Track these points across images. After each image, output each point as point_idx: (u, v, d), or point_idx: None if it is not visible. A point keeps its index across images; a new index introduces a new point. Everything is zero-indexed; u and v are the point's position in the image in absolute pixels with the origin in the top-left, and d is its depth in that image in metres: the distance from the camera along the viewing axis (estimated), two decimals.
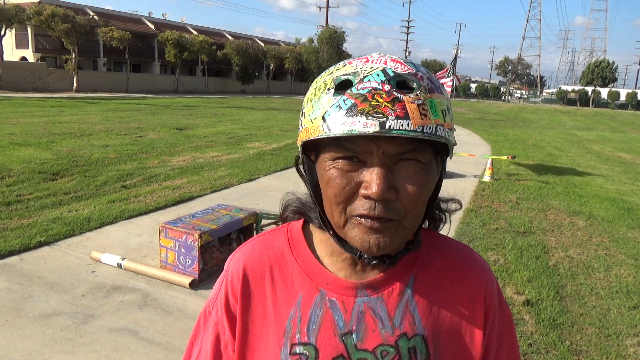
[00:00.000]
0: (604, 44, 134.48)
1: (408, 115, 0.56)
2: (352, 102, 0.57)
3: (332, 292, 0.69)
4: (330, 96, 0.59)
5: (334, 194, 0.61)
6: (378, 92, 0.57)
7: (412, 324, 0.68)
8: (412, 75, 0.59)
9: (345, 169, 0.60)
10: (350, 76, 0.60)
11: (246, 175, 7.74)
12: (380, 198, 0.59)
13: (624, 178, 9.68)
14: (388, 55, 0.63)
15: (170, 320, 3.13)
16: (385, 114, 0.56)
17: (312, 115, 0.61)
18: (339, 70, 0.62)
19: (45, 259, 4.03)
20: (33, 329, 2.94)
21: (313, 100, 0.62)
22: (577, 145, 15.52)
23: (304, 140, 0.63)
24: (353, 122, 0.56)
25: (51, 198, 5.80)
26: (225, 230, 3.90)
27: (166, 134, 12.43)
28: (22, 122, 13.11)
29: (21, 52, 34.04)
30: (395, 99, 0.57)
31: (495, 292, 0.74)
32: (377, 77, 0.58)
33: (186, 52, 37.60)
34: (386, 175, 0.59)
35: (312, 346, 0.68)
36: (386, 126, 0.55)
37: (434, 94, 0.60)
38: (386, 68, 0.59)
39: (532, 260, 4.50)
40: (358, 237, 0.62)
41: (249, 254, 0.75)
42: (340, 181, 0.60)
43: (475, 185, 7.91)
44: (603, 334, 3.22)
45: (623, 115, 46.01)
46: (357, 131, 0.56)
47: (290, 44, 57.07)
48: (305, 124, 0.62)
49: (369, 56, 0.62)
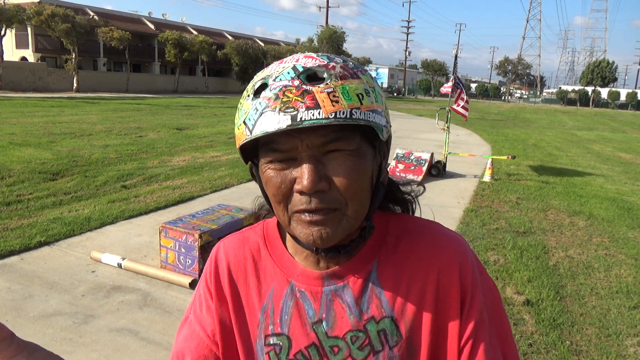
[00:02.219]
0: (604, 44, 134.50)
1: (318, 104, 0.57)
2: (266, 102, 0.59)
3: (301, 283, 0.71)
4: (249, 101, 0.61)
5: (272, 194, 0.64)
6: (288, 88, 0.58)
7: (379, 307, 0.69)
8: (322, 67, 0.60)
9: (278, 168, 0.62)
10: (265, 79, 0.61)
11: (246, 175, 7.73)
12: (312, 191, 0.60)
13: (624, 178, 9.68)
14: (303, 53, 0.64)
15: (170, 320, 3.13)
16: (296, 108, 0.57)
17: (238, 122, 0.63)
18: (258, 76, 0.64)
19: (45, 259, 4.03)
20: (33, 329, 2.94)
21: (238, 108, 0.64)
22: (577, 145, 15.52)
23: (238, 147, 0.65)
24: (268, 121, 0.58)
25: (51, 198, 5.80)
26: (226, 230, 3.90)
27: (166, 134, 12.44)
28: (22, 122, 13.11)
29: (21, 52, 34.04)
30: (304, 92, 0.58)
31: (472, 266, 0.70)
32: (288, 74, 0.60)
33: (186, 52, 37.61)
34: (315, 168, 0.60)
35: (285, 336, 0.71)
36: (297, 118, 0.56)
37: (347, 80, 0.60)
38: (296, 65, 0.61)
39: (532, 260, 4.50)
40: (302, 233, 0.63)
41: (225, 249, 0.78)
42: (275, 180, 0.62)
43: (475, 185, 7.91)
44: (603, 334, 3.22)
45: (623, 115, 46.00)
46: (272, 129, 0.57)
47: (290, 44, 57.09)
48: (235, 132, 0.64)
49: (287, 57, 0.64)
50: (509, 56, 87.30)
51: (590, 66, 66.07)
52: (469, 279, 0.69)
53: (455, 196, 7.00)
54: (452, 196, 6.97)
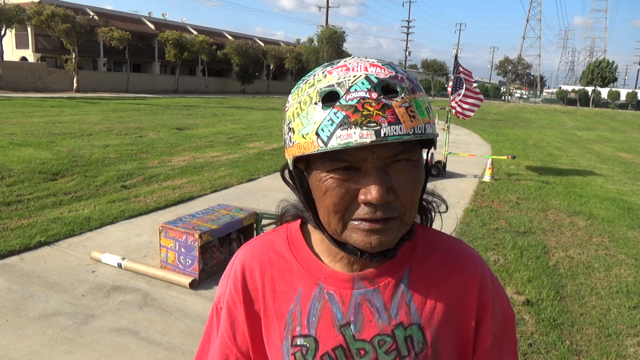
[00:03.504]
0: (604, 44, 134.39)
1: (399, 119, 0.58)
2: (344, 114, 0.58)
3: (330, 286, 0.72)
4: (319, 110, 0.59)
5: (332, 204, 0.62)
6: (367, 101, 0.57)
7: (408, 314, 0.70)
8: (393, 79, 0.60)
9: (343, 178, 0.61)
10: (335, 87, 0.60)
11: (246, 175, 7.74)
12: (381, 202, 0.60)
13: (624, 178, 9.68)
14: (365, 59, 0.63)
15: (171, 320, 3.13)
16: (378, 122, 0.57)
17: (304, 131, 0.61)
18: (321, 82, 0.62)
19: (46, 259, 4.03)
20: (33, 329, 2.94)
21: (301, 115, 0.62)
22: (577, 145, 15.52)
23: (296, 156, 0.63)
24: (349, 134, 0.57)
25: (51, 198, 5.80)
26: (225, 230, 3.90)
27: (166, 134, 12.44)
28: (22, 122, 13.11)
29: (21, 52, 34.04)
30: (384, 106, 0.57)
31: (490, 285, 0.75)
32: (362, 85, 0.59)
33: (186, 52, 37.58)
34: (383, 180, 0.60)
35: (312, 338, 0.71)
36: (381, 134, 0.57)
37: (417, 94, 0.61)
38: (369, 75, 0.60)
39: (532, 260, 4.50)
40: (359, 240, 0.63)
41: (250, 253, 0.78)
42: (338, 191, 0.62)
43: (475, 185, 7.91)
44: (603, 334, 3.22)
45: (623, 115, 46.00)
46: (354, 143, 0.57)
47: (290, 44, 57.09)
48: (297, 140, 0.62)
49: (346, 63, 0.63)
50: (509, 56, 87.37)
51: (590, 66, 66.01)
52: (486, 297, 0.74)
53: (455, 196, 7.00)
54: (452, 196, 6.96)
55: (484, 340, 0.74)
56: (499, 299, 0.76)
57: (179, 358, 2.72)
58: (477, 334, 0.74)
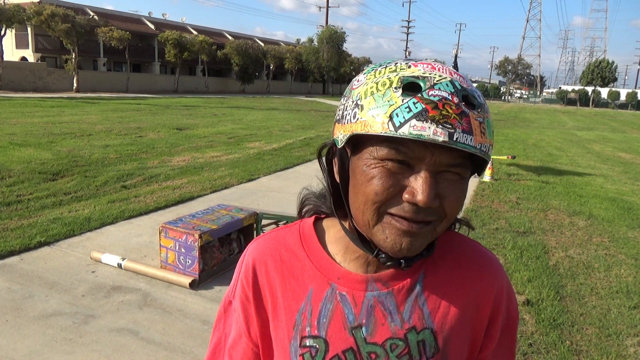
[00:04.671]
0: (604, 44, 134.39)
1: (472, 130, 0.57)
2: (423, 107, 0.56)
3: (343, 286, 0.71)
4: (398, 95, 0.58)
5: (375, 192, 0.60)
6: (448, 102, 0.57)
7: (421, 318, 0.70)
8: (472, 91, 0.60)
9: (394, 170, 0.60)
10: (419, 80, 0.59)
11: (246, 175, 7.74)
12: (426, 206, 0.59)
13: (624, 178, 9.68)
14: (447, 66, 0.63)
15: (171, 320, 3.13)
16: (454, 126, 0.56)
17: (375, 111, 0.58)
18: (404, 71, 0.61)
19: (45, 259, 4.03)
20: (33, 329, 2.94)
21: (375, 95, 0.59)
22: (577, 145, 15.52)
23: (356, 133, 0.60)
24: (423, 127, 0.56)
25: (51, 198, 5.80)
26: (226, 231, 3.90)
27: (166, 134, 12.43)
28: (22, 122, 13.11)
29: (21, 52, 34.04)
30: (462, 113, 0.57)
31: (506, 292, 0.75)
32: (447, 87, 0.58)
33: (186, 52, 37.59)
34: (434, 184, 0.59)
35: (322, 339, 0.70)
36: (454, 137, 0.56)
37: (488, 114, 0.61)
38: (454, 80, 0.60)
39: (532, 260, 4.50)
40: (390, 239, 0.62)
41: (261, 249, 0.77)
42: (386, 181, 0.60)
43: (475, 185, 7.91)
44: (603, 334, 3.22)
45: (623, 115, 45.99)
46: (427, 137, 0.56)
47: (290, 44, 57.11)
48: (363, 117, 0.59)
49: (432, 63, 0.63)
50: (509, 56, 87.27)
51: (590, 66, 66.06)
52: (498, 313, 0.74)
53: None
54: None
55: (488, 344, 0.75)
56: (510, 306, 0.76)
57: (179, 358, 2.72)
58: (485, 338, 0.74)
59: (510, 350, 0.78)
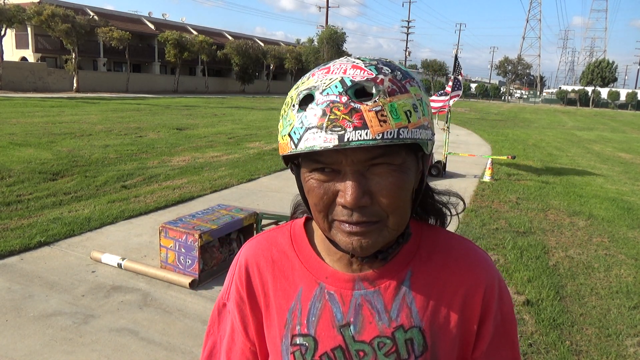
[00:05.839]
0: (604, 44, 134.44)
1: (366, 124, 0.56)
2: (312, 118, 0.58)
3: (331, 286, 0.72)
4: (295, 113, 0.60)
5: (314, 203, 0.64)
6: (336, 104, 0.57)
7: (409, 317, 0.70)
8: (371, 81, 0.58)
9: (321, 179, 0.62)
10: (311, 90, 0.60)
11: (246, 175, 7.74)
12: (355, 206, 0.60)
13: (624, 178, 9.68)
14: (351, 60, 0.62)
15: (170, 320, 3.13)
16: (344, 127, 0.56)
17: (283, 132, 0.63)
18: (304, 84, 0.62)
19: (45, 259, 4.03)
20: (33, 329, 2.94)
21: (283, 117, 0.63)
22: (577, 145, 15.52)
23: (282, 155, 0.65)
24: (314, 138, 0.57)
25: (51, 198, 5.80)
26: (225, 230, 3.90)
27: (166, 134, 12.44)
28: (22, 122, 13.11)
29: (21, 52, 34.04)
30: (352, 110, 0.57)
31: (497, 288, 0.74)
32: (335, 88, 0.58)
33: (186, 52, 37.60)
34: (358, 183, 0.60)
35: (311, 337, 0.71)
36: (345, 139, 0.56)
37: (395, 96, 0.58)
38: (344, 77, 0.59)
39: (532, 260, 4.50)
40: (342, 241, 0.64)
41: (254, 250, 0.79)
42: (317, 191, 0.63)
43: (475, 185, 7.91)
44: (603, 334, 3.22)
45: (623, 115, 46.00)
46: (318, 147, 0.57)
47: (290, 44, 57.11)
48: (279, 140, 0.64)
49: (331, 65, 0.63)
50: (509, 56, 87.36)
51: (590, 66, 66.06)
52: (491, 301, 0.73)
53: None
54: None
55: (480, 343, 0.73)
56: (503, 304, 0.75)
57: (178, 358, 2.72)
58: (476, 337, 0.74)
59: (511, 351, 0.76)
